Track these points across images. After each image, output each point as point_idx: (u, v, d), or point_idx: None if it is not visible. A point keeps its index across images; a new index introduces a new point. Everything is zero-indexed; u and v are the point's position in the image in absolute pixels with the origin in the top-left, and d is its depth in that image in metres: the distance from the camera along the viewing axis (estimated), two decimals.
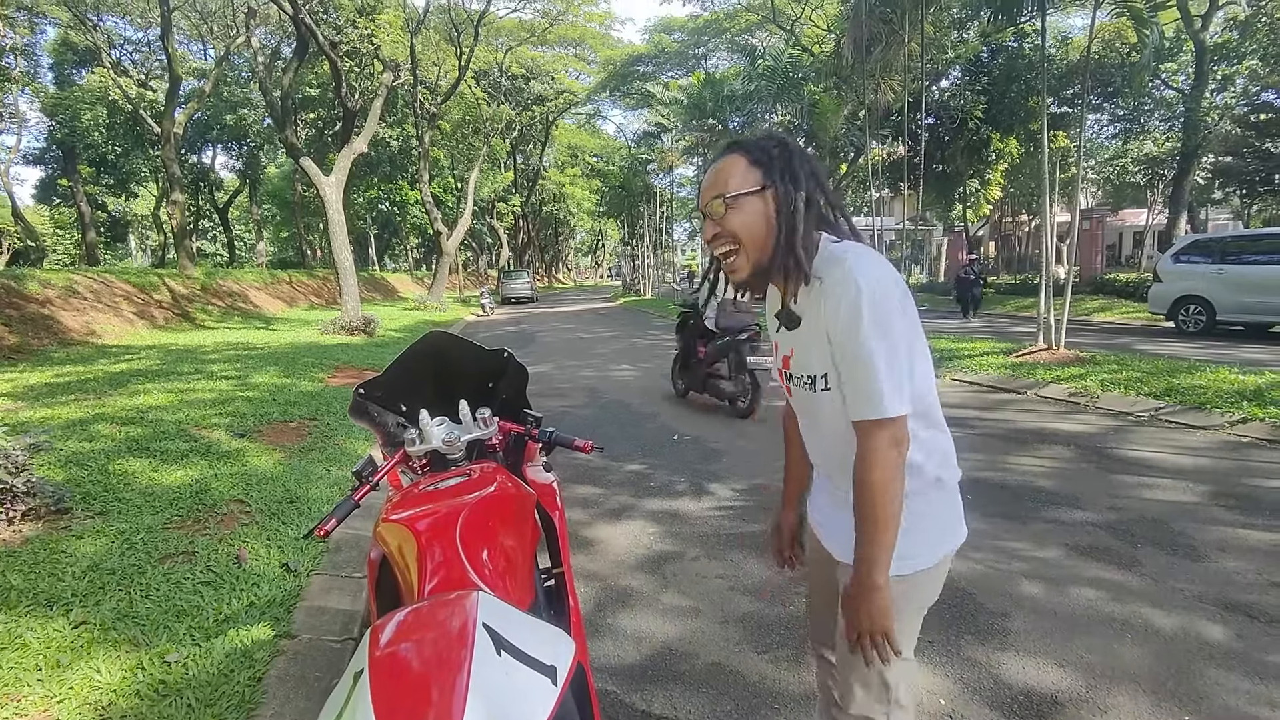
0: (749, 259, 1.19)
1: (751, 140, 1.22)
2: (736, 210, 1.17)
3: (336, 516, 1.45)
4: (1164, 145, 25.37)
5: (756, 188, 1.17)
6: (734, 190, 1.17)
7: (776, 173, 1.17)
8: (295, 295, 22.45)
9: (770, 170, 1.18)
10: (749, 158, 1.19)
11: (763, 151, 1.19)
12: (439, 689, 0.85)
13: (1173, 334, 11.43)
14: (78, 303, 11.84)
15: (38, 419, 4.88)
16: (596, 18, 30.41)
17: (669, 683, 2.27)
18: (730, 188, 1.17)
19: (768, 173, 1.17)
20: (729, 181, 1.18)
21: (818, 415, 1.30)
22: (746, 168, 1.18)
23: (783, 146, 1.21)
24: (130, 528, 3.06)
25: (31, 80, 26.01)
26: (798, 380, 1.30)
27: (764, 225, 1.17)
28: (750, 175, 1.18)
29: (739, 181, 1.17)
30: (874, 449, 1.12)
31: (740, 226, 1.18)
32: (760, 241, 1.18)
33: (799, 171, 1.18)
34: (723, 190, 1.17)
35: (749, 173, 1.18)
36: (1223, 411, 5.34)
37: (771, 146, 1.20)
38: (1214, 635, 2.41)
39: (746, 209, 1.17)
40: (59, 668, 2.07)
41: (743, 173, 1.18)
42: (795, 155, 1.20)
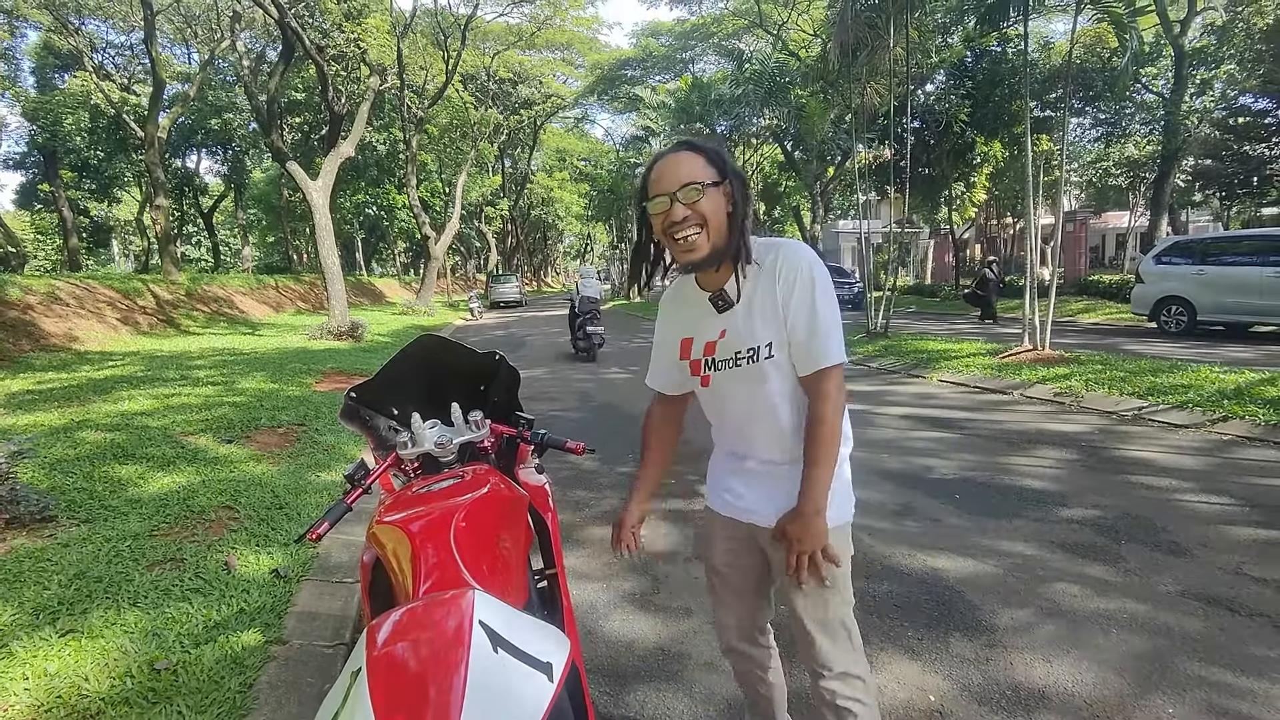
0: (709, 240, 1.33)
1: (701, 142, 1.40)
2: (707, 197, 1.32)
3: (329, 520, 1.45)
4: (1145, 149, 25.76)
5: (718, 180, 1.33)
6: (704, 180, 1.32)
7: (728, 171, 1.36)
8: (282, 300, 22.28)
9: (722, 169, 1.35)
10: (705, 157, 1.35)
11: (714, 154, 1.37)
12: (437, 686, 0.86)
13: (1155, 334, 11.58)
14: (60, 309, 11.70)
15: (20, 426, 4.82)
16: (584, 22, 30.50)
17: (662, 683, 2.28)
18: (701, 177, 1.32)
19: (721, 171, 1.35)
20: (696, 172, 1.33)
21: (758, 389, 1.41)
22: (705, 164, 1.34)
23: (725, 152, 1.40)
24: (117, 535, 3.03)
25: (12, 84, 25.68)
26: (730, 361, 1.42)
27: (723, 213, 1.34)
28: (710, 170, 1.34)
29: (705, 173, 1.33)
30: (830, 391, 1.33)
31: (710, 211, 1.32)
32: (720, 226, 1.34)
33: (739, 173, 1.38)
34: (694, 179, 1.32)
35: (708, 168, 1.34)
36: (1204, 410, 5.42)
37: (718, 150, 1.38)
38: (1197, 630, 2.46)
39: (712, 197, 1.33)
40: (46, 676, 2.05)
41: (704, 167, 1.34)
42: (732, 160, 1.40)
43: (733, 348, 1.41)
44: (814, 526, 1.33)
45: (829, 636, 1.43)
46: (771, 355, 1.36)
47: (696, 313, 1.46)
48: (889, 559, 3.13)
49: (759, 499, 1.46)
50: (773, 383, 1.39)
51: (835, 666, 1.42)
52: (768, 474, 1.46)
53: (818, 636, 1.43)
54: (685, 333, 1.50)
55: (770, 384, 1.39)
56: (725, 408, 1.51)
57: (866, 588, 2.85)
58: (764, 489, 1.46)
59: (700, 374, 1.49)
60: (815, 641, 1.43)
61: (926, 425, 5.72)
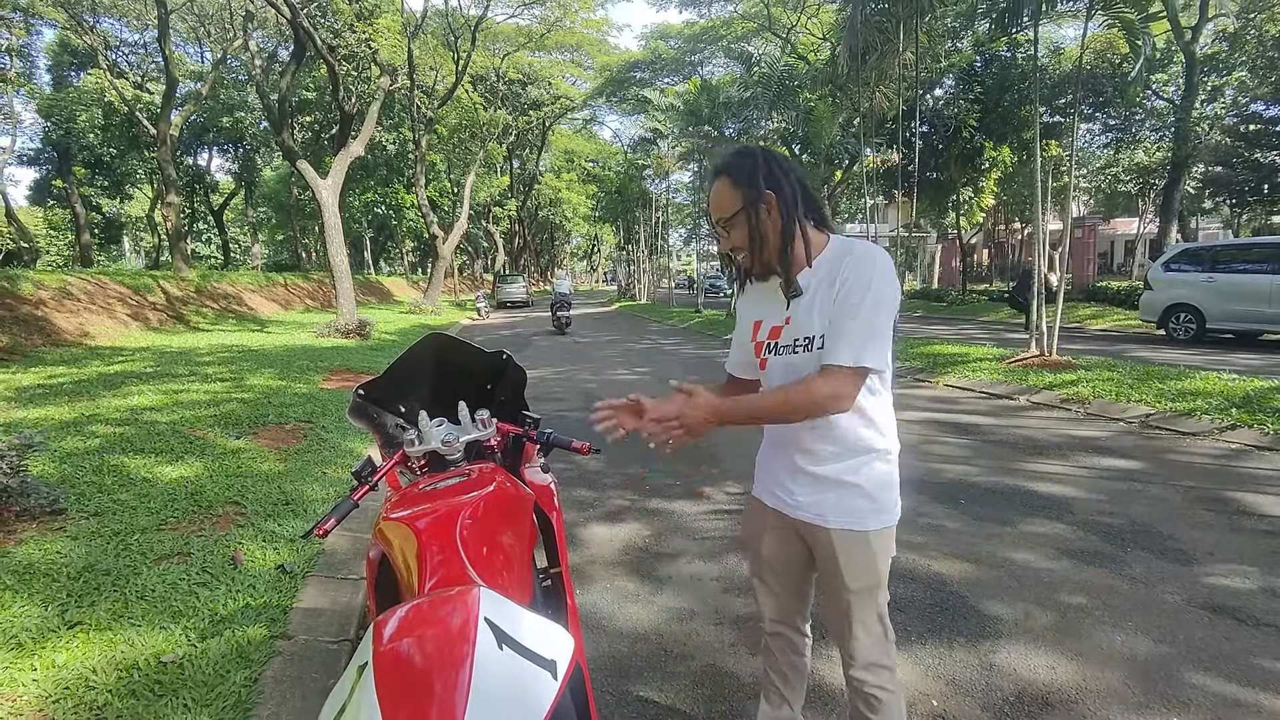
0: (754, 259, 1.45)
1: (732, 160, 1.44)
2: (733, 229, 1.43)
3: (336, 516, 1.47)
4: (1155, 155, 25.60)
5: (740, 207, 1.40)
6: (727, 214, 1.41)
7: (753, 189, 1.39)
8: (290, 298, 22.39)
9: (749, 187, 1.39)
10: (731, 180, 1.41)
11: (740, 171, 1.40)
12: (442, 682, 0.87)
13: (1163, 341, 11.52)
14: (71, 304, 11.79)
15: (31, 419, 4.86)
16: (594, 24, 30.55)
17: (664, 683, 2.28)
18: (724, 211, 1.42)
19: (746, 191, 1.39)
20: (722, 206, 1.42)
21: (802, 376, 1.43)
22: (730, 191, 1.41)
23: (756, 159, 1.41)
24: (125, 529, 3.06)
25: (27, 81, 25.93)
26: (789, 347, 1.47)
27: (755, 235, 1.41)
28: (734, 198, 1.40)
29: (728, 205, 1.41)
30: (827, 386, 1.32)
31: (739, 240, 1.43)
32: (756, 247, 1.42)
33: (777, 177, 1.40)
34: (720, 215, 1.43)
35: (733, 196, 1.40)
36: (1212, 418, 5.39)
37: (747, 163, 1.41)
38: (1202, 639, 2.44)
39: (738, 226, 1.42)
40: (54, 668, 2.07)
41: (729, 197, 1.41)
42: (769, 164, 1.40)
43: (793, 334, 1.46)
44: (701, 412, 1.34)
45: (865, 630, 1.50)
46: (824, 347, 1.40)
47: (771, 297, 1.52)
48: (893, 561, 3.12)
49: (809, 499, 1.50)
50: None
51: (866, 658, 1.50)
52: (829, 474, 1.47)
53: (855, 629, 1.50)
54: (758, 315, 1.56)
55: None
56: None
57: None
58: (814, 488, 1.49)
59: (760, 356, 1.55)
60: (852, 633, 1.50)
61: (932, 429, 5.71)
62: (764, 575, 1.71)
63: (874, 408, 1.45)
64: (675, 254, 55.97)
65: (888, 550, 1.50)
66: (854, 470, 1.45)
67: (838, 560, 1.47)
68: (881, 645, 1.51)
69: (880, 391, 1.45)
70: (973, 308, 20.89)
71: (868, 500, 1.45)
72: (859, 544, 1.46)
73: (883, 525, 1.46)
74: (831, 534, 1.47)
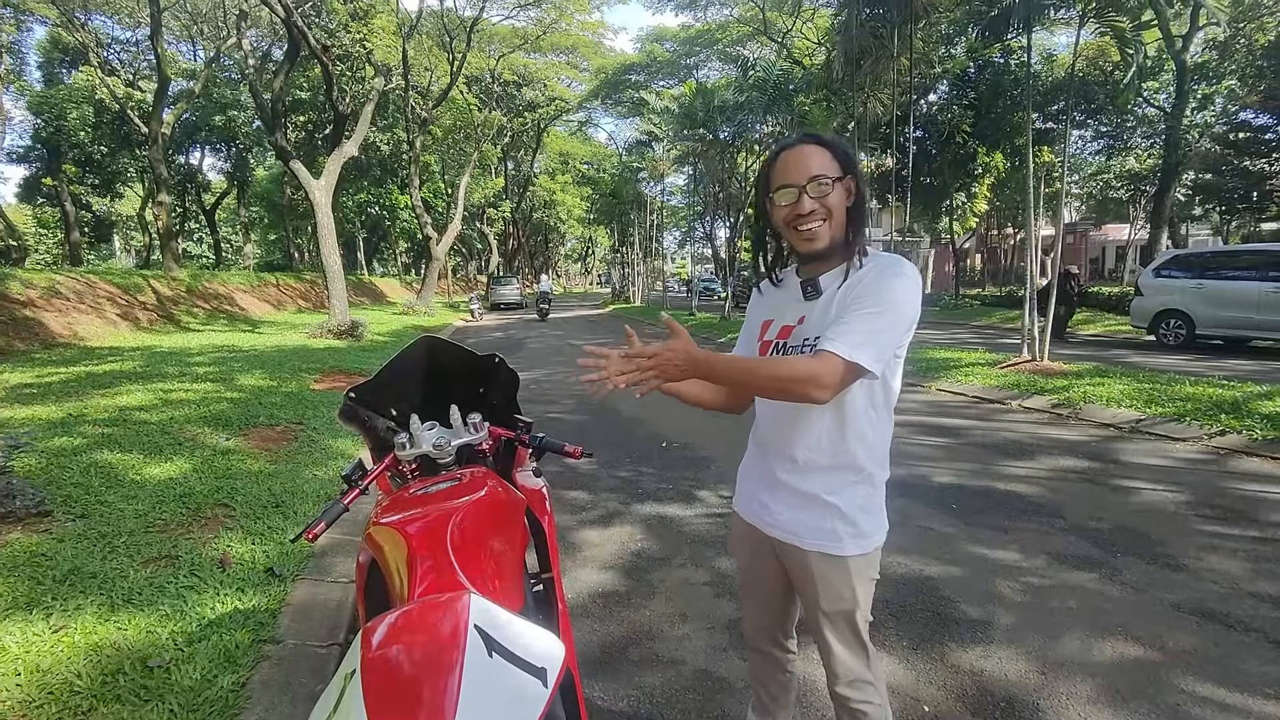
0: (830, 231, 1.37)
1: (827, 137, 1.41)
2: (834, 191, 1.35)
3: (325, 520, 1.45)
4: (1146, 162, 25.86)
5: (842, 175, 1.36)
6: (832, 174, 1.35)
7: (850, 165, 1.38)
8: (282, 298, 22.27)
9: (845, 164, 1.37)
10: (831, 151, 1.37)
11: (839, 149, 1.39)
12: (431, 689, 0.86)
13: (1154, 347, 11.60)
14: (60, 304, 11.69)
15: (18, 420, 4.81)
16: (589, 26, 30.57)
17: (657, 689, 2.27)
18: (829, 170, 1.35)
19: (845, 166, 1.37)
20: (825, 165, 1.35)
21: None
22: (831, 158, 1.36)
23: (850, 148, 1.42)
24: (112, 531, 3.03)
25: (17, 78, 25.74)
26: (795, 349, 1.43)
27: (844, 207, 1.38)
28: (835, 165, 1.36)
29: (832, 168, 1.35)
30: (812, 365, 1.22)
31: (835, 204, 1.36)
32: (842, 220, 1.38)
33: (859, 172, 1.40)
34: (822, 172, 1.34)
35: (833, 163, 1.36)
36: (1202, 423, 5.43)
37: (844, 146, 1.40)
38: (1191, 644, 2.45)
39: (838, 191, 1.36)
40: (39, 672, 2.05)
41: (830, 161, 1.36)
42: (854, 158, 1.40)
43: (803, 335, 1.41)
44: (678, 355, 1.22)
45: (844, 647, 1.47)
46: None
47: (786, 296, 1.49)
48: (884, 567, 3.11)
49: (786, 516, 1.47)
50: None
51: (848, 674, 1.48)
52: (805, 488, 1.43)
53: (834, 647, 1.47)
54: (769, 314, 1.52)
55: None
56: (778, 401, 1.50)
57: None
58: (791, 505, 1.46)
59: (768, 355, 1.49)
60: (831, 651, 1.48)
61: (925, 434, 5.72)
62: (746, 589, 1.70)
63: (869, 423, 1.39)
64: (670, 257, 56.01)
65: (867, 575, 1.45)
66: (834, 489, 1.40)
67: (814, 582, 1.44)
68: (863, 661, 1.48)
69: (880, 410, 1.40)
70: (966, 312, 20.99)
71: (846, 524, 1.40)
72: (836, 568, 1.42)
73: (861, 551, 1.41)
74: (807, 555, 1.44)
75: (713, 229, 33.96)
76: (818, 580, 1.44)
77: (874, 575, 1.47)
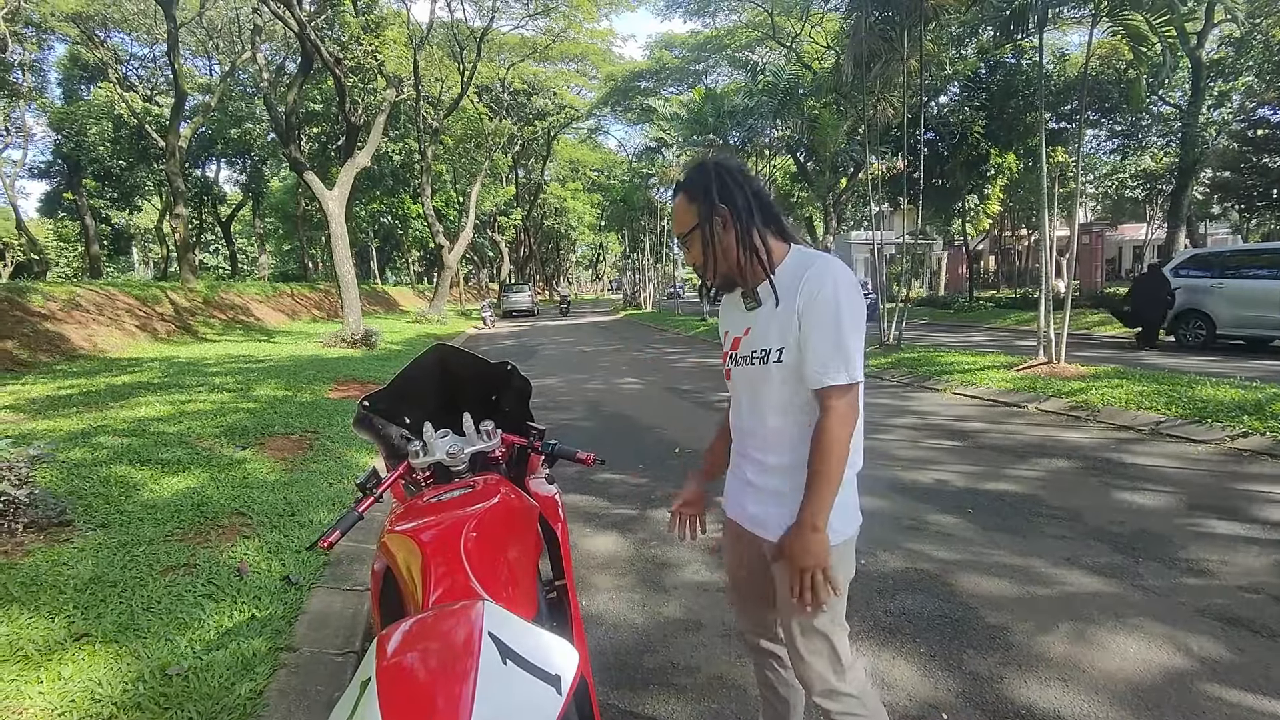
0: (711, 273, 1.47)
1: (688, 178, 1.46)
2: (690, 244, 1.46)
3: (340, 528, 1.47)
4: (1162, 161, 25.54)
5: (695, 224, 1.42)
6: (685, 230, 1.45)
7: (708, 204, 1.40)
8: (297, 308, 22.51)
9: (703, 203, 1.41)
10: (687, 196, 1.44)
11: (694, 186, 1.43)
12: (446, 697, 0.86)
13: (1173, 348, 11.43)
14: (80, 316, 11.88)
15: (40, 431, 4.89)
16: (598, 34, 30.72)
17: (671, 695, 2.26)
18: (683, 227, 1.45)
19: (701, 207, 1.41)
20: (680, 221, 1.46)
21: (761, 389, 1.47)
22: (686, 207, 1.44)
23: (709, 174, 1.42)
24: (131, 540, 3.07)
25: (39, 95, 26.25)
26: (747, 359, 1.49)
27: (710, 250, 1.43)
28: (689, 214, 1.43)
29: (684, 221, 1.45)
30: (837, 408, 1.34)
31: (696, 255, 1.47)
32: (711, 261, 1.45)
33: (731, 191, 1.40)
34: (679, 230, 1.47)
35: (688, 212, 1.44)
36: (1223, 425, 5.34)
37: (699, 178, 1.43)
38: (1216, 650, 2.41)
39: (695, 242, 1.44)
40: (61, 680, 2.07)
41: (684, 213, 1.45)
42: (722, 175, 1.42)
43: (751, 346, 1.47)
44: (811, 543, 1.33)
45: (811, 652, 1.43)
46: (780, 360, 1.40)
47: (734, 309, 1.55)
48: (900, 572, 3.10)
49: (764, 510, 1.49)
50: (776, 387, 1.43)
51: (820, 685, 1.43)
52: (770, 486, 1.48)
53: (801, 650, 1.44)
54: (726, 326, 1.60)
55: (774, 387, 1.44)
56: (739, 403, 1.57)
57: (877, 601, 2.83)
58: (768, 503, 1.48)
59: (725, 366, 1.58)
60: (800, 659, 1.45)
61: (940, 437, 5.67)
62: (733, 586, 1.73)
63: None
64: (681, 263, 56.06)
65: (845, 565, 1.44)
66: (794, 482, 1.40)
67: (780, 575, 1.44)
68: (834, 672, 1.42)
69: None
70: (980, 315, 20.82)
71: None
72: None
73: (834, 540, 1.39)
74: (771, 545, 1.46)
75: None
76: (779, 571, 1.44)
77: (845, 573, 1.44)
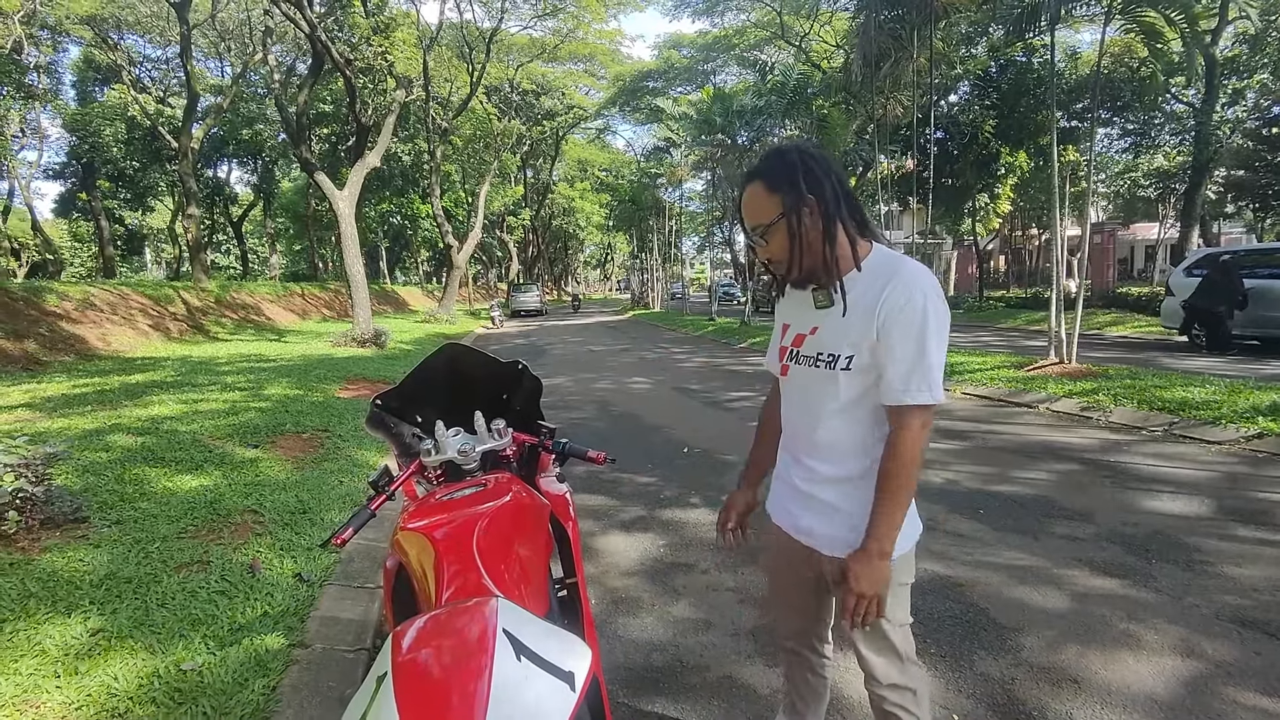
0: (793, 269, 1.35)
1: (767, 163, 1.33)
2: (771, 237, 1.33)
3: (353, 525, 1.48)
4: (1175, 159, 25.30)
5: (779, 214, 1.30)
6: (763, 221, 1.32)
7: (793, 193, 1.28)
8: (307, 308, 22.65)
9: (788, 192, 1.29)
10: (766, 185, 1.31)
11: (777, 174, 1.30)
12: (461, 693, 0.87)
13: (1186, 348, 11.33)
14: (94, 315, 12.00)
15: (56, 429, 4.95)
16: (606, 35, 30.73)
17: (681, 695, 2.26)
18: (761, 218, 1.32)
19: (786, 197, 1.29)
20: (759, 212, 1.33)
21: (820, 393, 1.40)
22: (766, 196, 1.31)
23: (792, 161, 1.30)
24: (146, 537, 3.10)
25: (54, 97, 26.53)
26: (810, 359, 1.41)
27: (795, 242, 1.31)
28: (771, 203, 1.30)
29: (765, 212, 1.31)
30: (914, 427, 1.28)
31: (777, 249, 1.34)
32: (796, 255, 1.32)
33: (819, 180, 1.29)
34: (756, 223, 1.34)
35: (769, 201, 1.31)
36: (1237, 426, 5.29)
37: (782, 166, 1.30)
38: (1230, 653, 2.39)
39: (777, 235, 1.32)
40: (77, 674, 2.10)
41: (764, 203, 1.31)
42: (808, 163, 1.30)
43: (816, 347, 1.40)
44: (877, 570, 1.29)
45: (875, 652, 1.44)
46: (848, 368, 1.33)
47: (802, 303, 1.46)
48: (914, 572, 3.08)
49: (815, 522, 1.46)
50: (841, 394, 1.36)
51: (884, 680, 1.45)
52: (821, 497, 1.44)
53: (864, 650, 1.45)
54: (787, 318, 1.52)
55: (838, 395, 1.36)
56: (793, 403, 1.50)
57: None
58: (820, 513, 1.45)
59: (782, 362, 1.50)
60: (864, 656, 1.46)
61: (950, 438, 5.64)
62: (777, 592, 1.69)
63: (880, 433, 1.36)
64: (689, 262, 56.09)
65: (907, 573, 1.45)
66: (848, 497, 1.39)
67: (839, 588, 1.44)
68: (898, 667, 1.44)
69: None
70: (989, 315, 20.69)
71: (858, 533, 1.35)
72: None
73: (905, 549, 1.39)
74: (827, 561, 1.44)
75: (731, 234, 33.91)
76: (836, 586, 1.44)
77: (903, 580, 1.44)
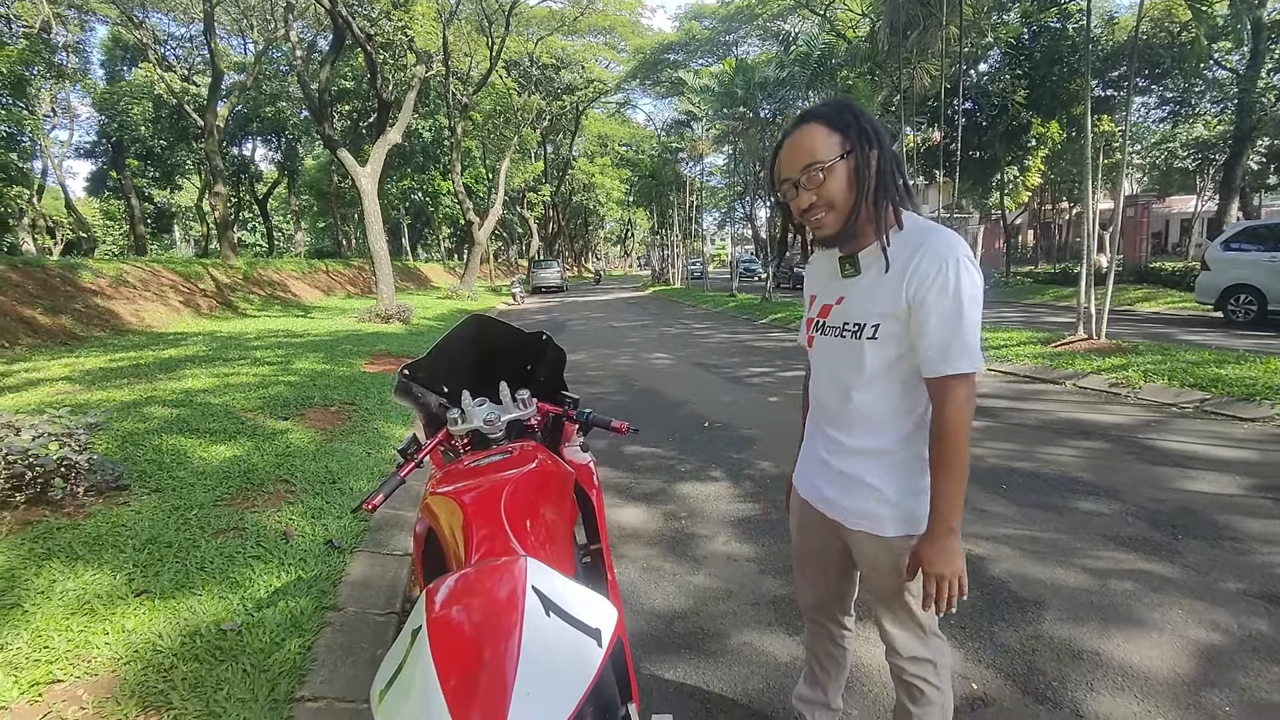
0: (839, 216, 1.29)
1: (824, 108, 1.30)
2: (831, 176, 1.25)
3: (384, 492, 1.52)
4: (1215, 128, 24.39)
5: (842, 152, 1.25)
6: (826, 158, 1.25)
7: (856, 135, 1.25)
8: (332, 284, 22.93)
9: (849, 134, 1.25)
10: (828, 125, 1.26)
11: (838, 117, 1.27)
12: (492, 649, 0.90)
13: (1221, 324, 11.03)
14: (128, 291, 12.29)
15: (95, 401, 5.10)
16: (626, 6, 30.30)
17: (701, 660, 2.31)
18: (821, 156, 1.25)
19: (847, 137, 1.25)
20: (816, 151, 1.25)
21: (846, 363, 1.38)
22: (827, 135, 1.25)
23: (854, 111, 1.28)
24: (184, 504, 3.21)
25: (83, 76, 26.86)
26: (836, 329, 1.40)
27: (851, 186, 1.26)
28: (832, 142, 1.25)
29: (826, 150, 1.25)
30: (961, 398, 1.25)
31: (835, 190, 1.26)
32: (850, 201, 1.27)
33: (880, 131, 1.27)
34: (814, 159, 1.25)
35: (830, 139, 1.25)
36: (1272, 403, 5.16)
37: (845, 110, 1.28)
38: (1258, 629, 2.37)
39: (838, 173, 1.25)
40: (124, 632, 2.20)
41: (825, 141, 1.25)
42: (866, 116, 1.28)
43: (843, 317, 1.38)
44: (949, 548, 1.27)
45: (898, 625, 1.46)
46: (875, 338, 1.31)
47: (827, 272, 1.44)
48: None
49: (838, 494, 1.46)
50: (867, 365, 1.34)
51: (905, 652, 1.47)
52: (847, 469, 1.43)
53: (886, 623, 1.48)
54: (814, 289, 1.50)
55: (865, 365, 1.34)
56: (820, 375, 1.49)
57: None
58: (836, 486, 1.46)
59: (809, 333, 1.49)
60: (886, 629, 1.48)
61: (975, 414, 5.58)
62: (801, 563, 1.70)
63: (909, 406, 1.35)
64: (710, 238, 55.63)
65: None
66: (874, 471, 1.38)
67: (864, 561, 1.46)
68: (920, 639, 1.45)
69: (921, 391, 1.34)
70: (1017, 290, 20.29)
71: (888, 505, 1.37)
72: (882, 548, 1.40)
73: (905, 532, 1.37)
74: (852, 535, 1.45)
75: (753, 209, 33.52)
76: (863, 560, 1.46)
77: None
